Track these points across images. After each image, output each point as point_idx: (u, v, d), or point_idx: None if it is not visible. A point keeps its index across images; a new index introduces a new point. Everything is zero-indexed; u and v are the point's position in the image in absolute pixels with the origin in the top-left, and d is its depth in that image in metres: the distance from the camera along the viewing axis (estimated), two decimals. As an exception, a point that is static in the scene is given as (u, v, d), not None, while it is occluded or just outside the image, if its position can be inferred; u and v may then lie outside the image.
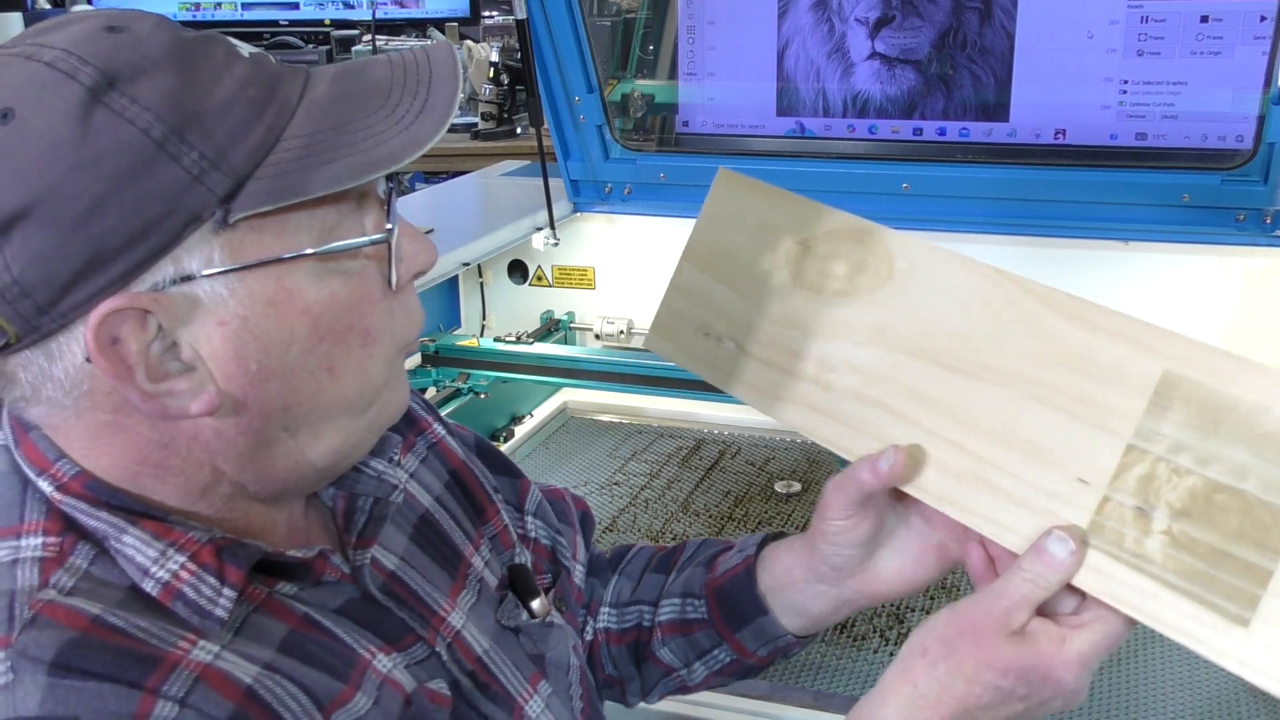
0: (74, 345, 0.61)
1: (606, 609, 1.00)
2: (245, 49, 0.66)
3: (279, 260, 0.63)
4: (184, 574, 0.63)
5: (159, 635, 0.61)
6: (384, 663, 0.70)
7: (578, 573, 0.97)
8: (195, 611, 0.63)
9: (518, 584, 0.85)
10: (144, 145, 0.58)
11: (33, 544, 0.63)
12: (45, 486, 0.65)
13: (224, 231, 0.61)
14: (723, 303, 0.92)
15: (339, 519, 0.76)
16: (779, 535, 0.95)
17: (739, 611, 0.93)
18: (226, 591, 0.64)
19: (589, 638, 1.00)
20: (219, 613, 0.63)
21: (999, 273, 0.79)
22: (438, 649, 0.75)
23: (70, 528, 0.64)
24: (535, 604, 0.84)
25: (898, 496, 0.84)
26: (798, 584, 0.90)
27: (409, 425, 0.86)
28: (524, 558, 0.89)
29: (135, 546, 0.64)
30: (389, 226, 0.67)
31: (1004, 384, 0.77)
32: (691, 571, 0.97)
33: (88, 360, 0.61)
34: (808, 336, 0.86)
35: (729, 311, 0.91)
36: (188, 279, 0.61)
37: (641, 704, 1.02)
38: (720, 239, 0.93)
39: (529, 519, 0.94)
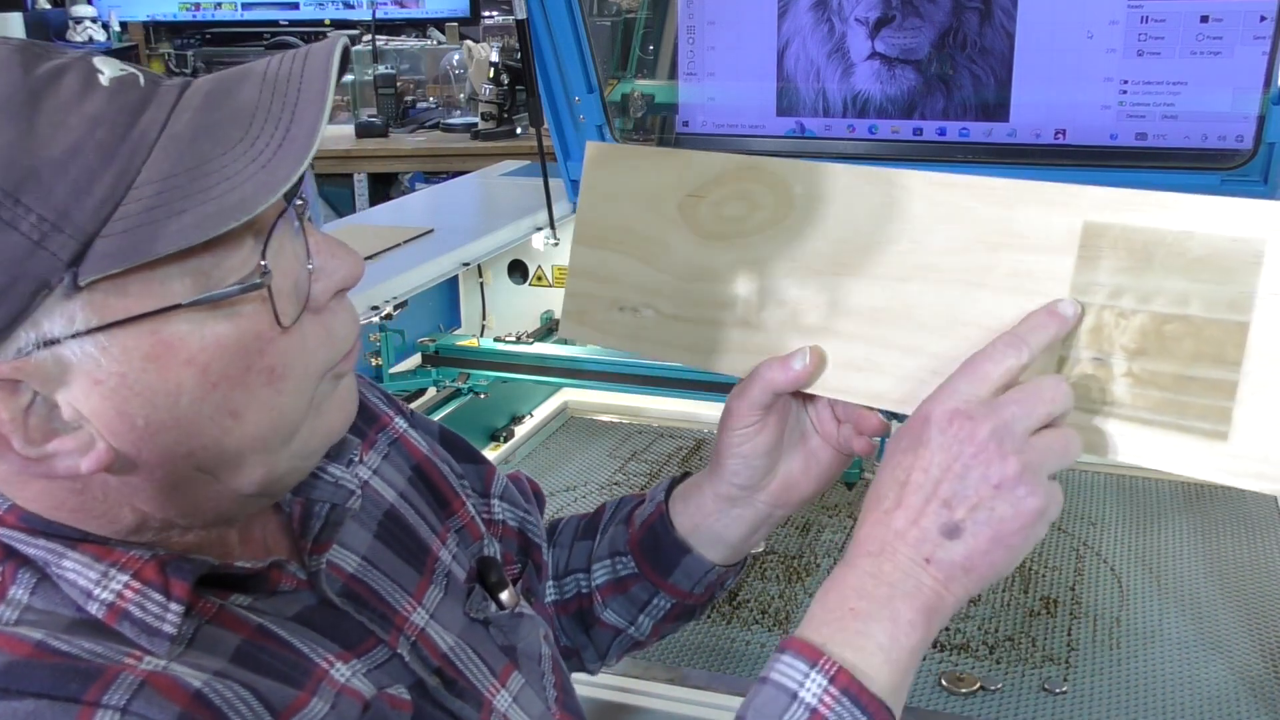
0: None
1: (548, 582, 1.01)
2: (109, 72, 0.59)
3: (148, 315, 0.58)
4: (128, 593, 0.61)
5: (104, 655, 0.59)
6: (342, 671, 0.69)
7: (545, 549, 0.98)
8: (143, 630, 0.61)
9: (486, 576, 0.85)
10: None
11: None
12: None
13: (79, 294, 0.56)
14: (630, 274, 0.92)
15: (295, 524, 0.75)
16: (686, 475, 0.96)
17: (663, 557, 0.94)
18: (174, 606, 0.62)
19: None
20: (167, 629, 0.61)
21: (894, 172, 0.80)
22: (400, 650, 0.74)
23: (9, 555, 0.63)
24: (504, 595, 0.84)
25: (799, 398, 0.86)
26: (712, 515, 0.92)
27: (369, 422, 0.85)
28: (493, 549, 0.89)
29: (76, 570, 0.62)
30: (263, 264, 0.61)
31: (935, 278, 0.77)
32: (614, 531, 0.99)
33: None
34: (725, 284, 0.87)
35: (639, 281, 0.91)
36: (52, 343, 0.57)
37: (641, 702, 1.02)
38: (609, 213, 0.93)
39: (495, 502, 0.94)
